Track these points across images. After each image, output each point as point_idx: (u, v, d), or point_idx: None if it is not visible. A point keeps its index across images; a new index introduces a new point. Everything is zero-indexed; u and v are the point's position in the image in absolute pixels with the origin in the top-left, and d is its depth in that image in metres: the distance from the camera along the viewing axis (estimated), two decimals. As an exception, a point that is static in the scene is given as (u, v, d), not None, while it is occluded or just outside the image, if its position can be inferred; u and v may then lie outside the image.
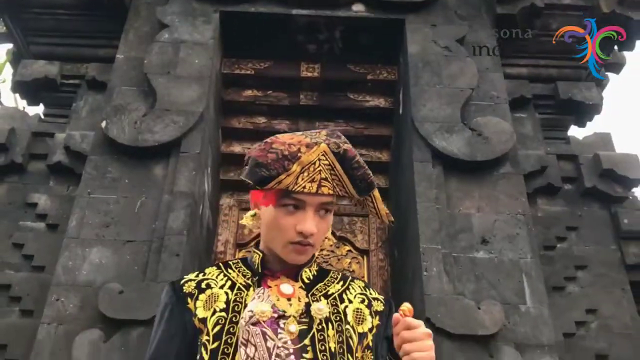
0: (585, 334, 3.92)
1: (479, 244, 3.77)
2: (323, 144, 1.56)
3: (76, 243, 3.66)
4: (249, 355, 1.48)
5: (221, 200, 4.96)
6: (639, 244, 4.22)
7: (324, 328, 1.57)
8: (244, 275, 1.65)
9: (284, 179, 1.51)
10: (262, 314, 1.54)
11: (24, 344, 3.62)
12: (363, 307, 1.67)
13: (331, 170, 1.55)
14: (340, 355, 1.54)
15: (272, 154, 1.53)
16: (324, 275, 1.71)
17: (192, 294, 1.60)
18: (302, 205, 1.54)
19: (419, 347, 1.44)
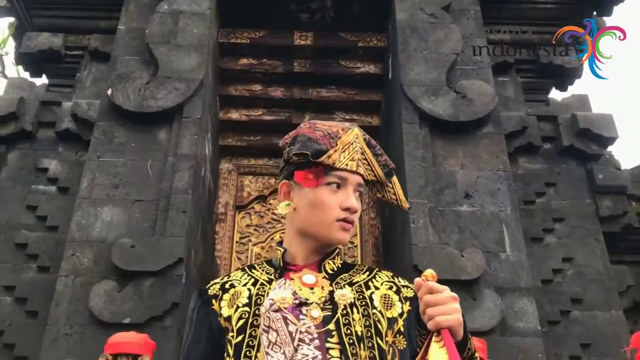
0: (562, 281, 4.24)
1: (463, 199, 4.07)
2: (356, 128, 1.63)
3: (88, 203, 3.92)
4: (271, 341, 1.45)
5: (220, 165, 5.22)
6: (612, 197, 4.53)
7: (349, 313, 1.51)
8: (267, 273, 1.63)
9: (332, 154, 1.55)
10: (283, 301, 1.50)
11: (42, 296, 3.91)
12: (391, 293, 1.59)
13: (362, 154, 1.61)
14: (368, 338, 1.47)
15: (319, 131, 1.58)
16: (348, 267, 1.67)
17: (217, 295, 1.59)
18: (344, 184, 1.56)
19: (443, 311, 1.36)
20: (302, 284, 1.54)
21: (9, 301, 3.96)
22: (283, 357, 1.41)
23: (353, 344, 1.43)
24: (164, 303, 3.58)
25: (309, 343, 1.43)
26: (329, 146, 1.53)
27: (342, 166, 1.53)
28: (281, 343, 1.43)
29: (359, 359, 1.42)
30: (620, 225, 4.53)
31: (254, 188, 5.26)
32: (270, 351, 1.41)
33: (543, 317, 3.98)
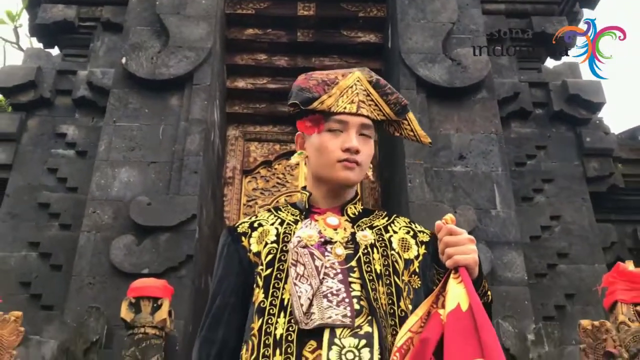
0: (549, 237, 4.52)
1: (457, 160, 4.33)
2: (357, 72, 1.69)
3: (106, 164, 4.20)
4: (299, 274, 1.54)
5: (228, 131, 5.48)
6: (598, 159, 4.78)
7: (370, 252, 1.61)
8: (293, 214, 1.71)
9: (326, 99, 1.61)
10: (310, 238, 1.59)
11: (65, 251, 4.21)
12: (408, 237, 1.69)
13: (367, 96, 1.65)
14: (386, 276, 1.58)
15: (313, 80, 1.64)
16: (368, 212, 1.76)
17: (246, 233, 1.68)
18: (345, 127, 1.63)
19: (462, 251, 1.45)
20: (326, 225, 1.63)
21: (35, 256, 4.25)
22: (309, 287, 1.51)
23: (373, 280, 1.54)
24: (179, 255, 3.87)
25: (333, 277, 1.53)
26: (322, 92, 1.61)
27: (340, 110, 1.61)
28: (308, 275, 1.53)
29: (378, 293, 1.53)
30: (606, 185, 4.79)
31: (260, 154, 5.52)
32: (298, 282, 1.52)
33: (531, 269, 4.27)
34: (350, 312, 1.48)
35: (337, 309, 1.48)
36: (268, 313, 1.54)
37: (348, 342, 1.45)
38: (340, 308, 1.48)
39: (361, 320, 1.48)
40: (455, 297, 1.39)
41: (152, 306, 3.21)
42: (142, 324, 3.16)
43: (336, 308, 1.48)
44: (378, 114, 1.64)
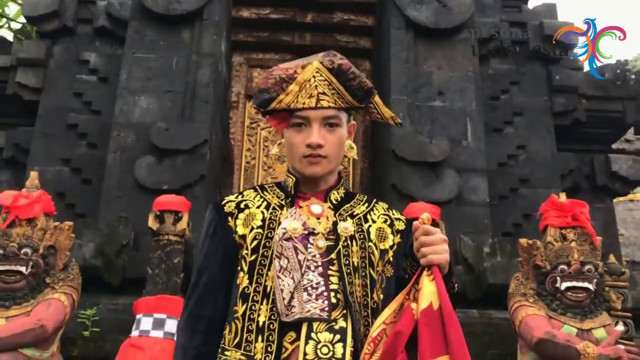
0: (515, 164, 5.17)
1: (436, 95, 4.90)
2: (316, 62, 1.66)
3: (127, 92, 4.77)
4: (282, 267, 1.61)
5: (233, 58, 5.97)
6: (565, 95, 5.34)
7: (349, 245, 1.67)
8: (278, 197, 1.75)
9: (284, 98, 1.63)
10: (294, 231, 1.64)
11: (93, 167, 4.85)
12: (385, 226, 1.76)
13: (328, 85, 1.65)
14: (362, 268, 1.66)
15: (272, 79, 1.65)
16: (350, 197, 1.79)
17: (232, 214, 1.72)
18: (307, 122, 1.64)
19: (435, 250, 1.54)
20: (310, 213, 1.68)
21: (67, 171, 4.90)
22: (292, 281, 1.59)
23: (350, 274, 1.63)
24: (194, 174, 4.53)
25: (314, 270, 1.62)
26: (280, 91, 1.63)
27: (300, 106, 1.63)
28: (291, 269, 1.61)
29: (354, 286, 1.62)
30: (570, 119, 5.38)
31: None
32: (281, 275, 1.60)
33: (495, 192, 4.95)
34: (328, 306, 1.59)
35: (316, 303, 1.59)
36: (252, 300, 1.63)
37: (323, 337, 1.57)
38: (319, 302, 1.59)
39: (337, 314, 1.60)
40: (428, 295, 1.51)
41: (174, 218, 3.90)
42: (166, 232, 3.86)
43: (315, 302, 1.59)
44: (342, 102, 1.66)
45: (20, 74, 5.12)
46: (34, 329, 2.95)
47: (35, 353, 2.98)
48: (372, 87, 1.69)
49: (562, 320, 3.18)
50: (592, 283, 3.23)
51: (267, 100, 1.63)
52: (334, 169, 1.72)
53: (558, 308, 3.22)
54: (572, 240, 3.30)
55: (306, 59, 1.67)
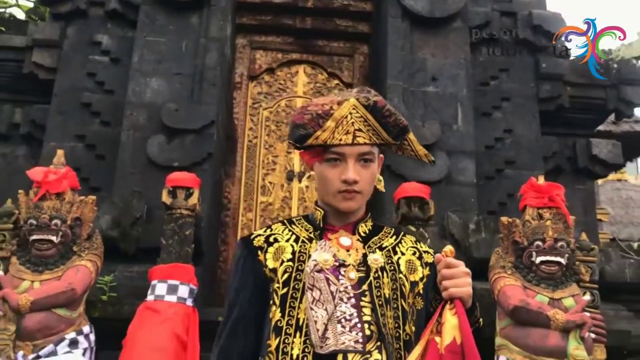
0: (501, 147, 5.52)
1: (430, 81, 5.22)
2: (352, 98, 1.66)
3: (139, 74, 5.06)
4: (315, 298, 1.61)
5: (237, 40, 6.25)
6: (550, 82, 5.67)
7: (380, 276, 1.68)
8: (307, 230, 1.78)
9: (320, 134, 1.64)
10: (325, 262, 1.65)
11: (106, 144, 5.16)
12: (414, 258, 1.77)
13: (364, 122, 1.65)
14: (394, 300, 1.67)
15: (308, 114, 1.66)
16: (378, 230, 1.82)
17: (262, 247, 1.74)
18: (343, 157, 1.65)
19: (456, 284, 1.55)
20: (339, 245, 1.71)
21: (81, 147, 5.20)
22: (325, 312, 1.59)
23: (382, 305, 1.64)
24: (202, 153, 4.86)
25: (347, 301, 1.63)
26: (316, 128, 1.64)
27: (336, 142, 1.64)
28: (324, 301, 1.61)
29: (386, 318, 1.63)
30: (554, 105, 5.72)
31: (264, 61, 6.32)
32: (314, 307, 1.60)
33: (482, 173, 5.30)
34: (362, 338, 1.60)
35: (350, 335, 1.60)
36: (285, 333, 1.64)
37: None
38: (353, 334, 1.60)
39: (371, 346, 1.60)
40: (450, 330, 1.53)
41: (186, 193, 4.23)
42: (178, 207, 4.19)
43: (349, 334, 1.60)
44: (377, 139, 1.67)
45: (36, 54, 5.39)
46: (65, 292, 3.31)
47: (66, 313, 3.34)
48: (407, 124, 1.72)
49: (536, 290, 3.56)
50: (564, 257, 3.61)
51: (304, 136, 1.65)
52: (364, 203, 1.76)
53: (533, 279, 3.60)
54: (548, 219, 3.67)
55: (341, 95, 1.70)
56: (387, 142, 1.69)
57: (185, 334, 3.74)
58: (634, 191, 16.76)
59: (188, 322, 3.83)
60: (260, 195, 5.75)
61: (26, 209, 3.48)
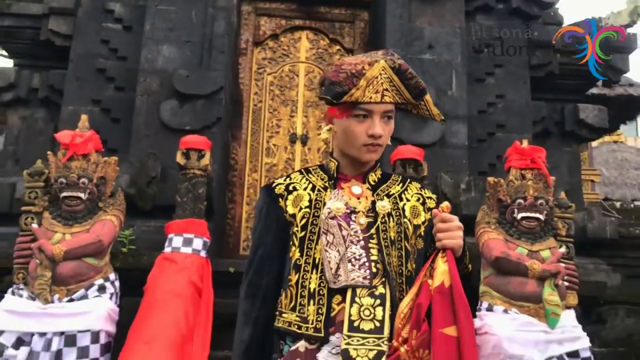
0: (493, 111, 5.83)
1: (427, 49, 5.51)
2: (382, 60, 1.82)
3: (152, 42, 5.35)
4: (329, 241, 1.84)
5: (242, 7, 6.49)
6: (541, 50, 5.95)
7: (387, 221, 1.89)
8: (322, 179, 1.98)
9: (354, 92, 1.79)
10: (338, 210, 1.86)
11: (121, 109, 5.48)
12: (418, 204, 1.97)
13: (390, 82, 1.81)
14: (398, 241, 1.88)
15: (343, 73, 1.81)
16: (386, 178, 2.01)
17: (283, 195, 1.96)
18: (370, 114, 1.82)
19: (449, 236, 1.77)
20: (351, 194, 1.91)
21: (98, 111, 5.52)
22: (337, 253, 1.82)
23: (387, 246, 1.85)
24: (211, 117, 5.19)
25: (356, 244, 1.84)
26: (351, 86, 1.80)
27: (366, 99, 1.80)
28: (336, 243, 1.83)
29: (391, 257, 1.85)
30: (545, 71, 6.01)
31: (268, 27, 6.58)
32: (328, 249, 1.83)
33: (474, 136, 5.63)
34: (369, 275, 1.82)
35: (359, 272, 1.82)
36: (303, 270, 1.87)
37: (366, 301, 1.79)
38: (361, 271, 1.82)
39: (377, 281, 1.82)
40: (441, 274, 1.76)
41: (198, 155, 4.58)
42: (192, 167, 4.55)
43: (358, 271, 1.81)
44: (399, 98, 1.85)
45: (52, 21, 5.66)
46: (94, 243, 3.70)
47: (94, 261, 3.73)
48: (425, 87, 1.90)
49: (516, 243, 3.94)
50: (543, 214, 3.98)
51: (340, 93, 1.81)
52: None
53: (514, 234, 3.98)
54: (529, 179, 4.02)
55: (370, 56, 1.86)
56: (408, 101, 1.87)
57: (200, 281, 4.13)
58: (629, 153, 17.08)
59: (202, 271, 4.23)
60: (265, 157, 6.08)
61: (56, 169, 3.83)
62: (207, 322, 3.98)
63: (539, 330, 3.63)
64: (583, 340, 3.72)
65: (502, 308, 3.73)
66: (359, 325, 1.77)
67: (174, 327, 3.64)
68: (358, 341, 1.76)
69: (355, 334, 1.76)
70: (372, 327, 1.77)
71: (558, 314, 3.66)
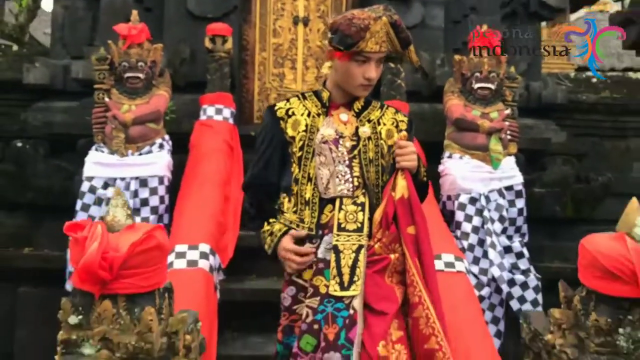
0: (468, -5, 6.77)
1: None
2: (384, 17, 2.17)
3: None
4: (321, 161, 2.28)
5: None
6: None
7: (367, 144, 2.32)
8: (316, 106, 2.36)
9: (362, 44, 2.15)
10: (329, 136, 2.28)
11: None
12: (392, 127, 2.38)
13: (387, 35, 2.18)
14: (375, 160, 2.32)
15: (354, 27, 2.14)
16: (368, 104, 2.40)
17: (283, 118, 2.35)
18: (368, 60, 2.20)
19: (405, 159, 2.24)
20: (339, 121, 2.32)
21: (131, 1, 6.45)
22: (327, 171, 2.27)
23: (367, 164, 2.31)
24: (230, 5, 6.12)
25: (342, 163, 2.29)
26: (359, 39, 2.14)
27: (368, 49, 2.17)
28: (327, 163, 2.27)
29: (370, 173, 2.31)
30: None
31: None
32: (320, 167, 2.28)
33: (450, 18, 6.47)
34: (352, 187, 2.27)
35: (344, 185, 2.26)
36: (300, 182, 2.31)
37: (350, 208, 2.26)
38: (346, 185, 2.26)
39: (358, 192, 2.28)
40: (401, 189, 2.24)
41: (222, 40, 5.65)
42: (218, 50, 5.64)
43: (343, 185, 2.26)
44: (391, 48, 2.23)
45: None
46: (153, 112, 4.90)
47: (154, 126, 4.95)
48: (411, 39, 2.29)
49: (472, 107, 5.15)
50: (494, 84, 5.14)
51: (351, 44, 2.17)
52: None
53: (471, 100, 5.18)
54: (485, 57, 5.15)
55: (374, 12, 2.21)
56: (397, 50, 2.25)
57: (232, 141, 5.39)
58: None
59: (232, 134, 5.47)
60: (272, 38, 7.06)
61: (118, 55, 4.93)
62: (239, 172, 5.27)
63: (485, 171, 4.95)
64: (517, 178, 5.04)
65: (458, 155, 5.03)
66: (345, 226, 2.26)
67: (217, 173, 4.92)
68: (344, 238, 2.25)
69: (342, 233, 2.25)
70: (355, 227, 2.26)
71: (500, 159, 4.96)
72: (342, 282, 2.18)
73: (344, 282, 2.18)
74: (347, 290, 2.18)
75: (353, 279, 2.18)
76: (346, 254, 2.21)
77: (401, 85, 5.66)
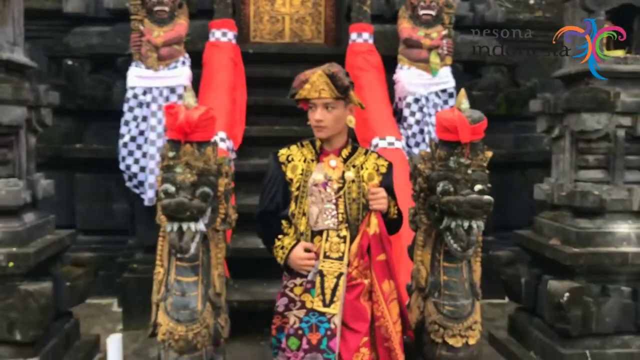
0: None
1: None
2: (319, 70, 2.61)
3: None
4: (312, 201, 2.71)
5: None
6: None
7: (351, 186, 2.74)
8: (311, 152, 2.80)
9: (302, 92, 2.64)
10: (319, 180, 2.71)
11: None
12: (373, 171, 2.80)
13: (327, 84, 2.60)
14: (357, 198, 2.73)
15: (298, 80, 2.65)
16: (354, 151, 2.82)
17: (284, 163, 2.80)
18: (315, 106, 2.65)
19: (377, 203, 2.68)
20: (329, 166, 2.75)
21: None
22: (317, 209, 2.72)
23: (350, 203, 2.75)
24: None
25: (329, 202, 2.73)
26: (299, 88, 2.64)
27: (310, 97, 2.64)
28: (317, 202, 2.72)
29: (351, 210, 2.74)
30: None
31: None
32: (311, 205, 2.73)
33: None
34: (337, 222, 2.71)
35: (330, 220, 2.70)
36: (296, 217, 2.77)
37: (334, 240, 2.70)
38: (332, 219, 2.70)
39: (342, 226, 2.71)
40: (374, 226, 2.70)
41: (225, -24, 7.12)
42: (222, -15, 7.12)
43: (330, 220, 2.69)
44: (332, 94, 2.62)
45: None
46: (178, 35, 6.43)
47: (178, 47, 6.45)
48: (349, 85, 2.65)
49: (418, 29, 6.69)
50: (434, 10, 6.65)
51: (294, 93, 2.68)
52: (336, 134, 2.75)
53: (418, 23, 6.71)
54: (428, -10, 6.68)
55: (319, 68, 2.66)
56: (338, 96, 2.63)
57: (236, 57, 6.99)
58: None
59: (235, 52, 7.05)
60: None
61: (147, -7, 6.44)
62: (242, 81, 6.92)
63: (426, 78, 6.60)
64: (450, 83, 6.67)
65: (407, 67, 6.67)
66: (330, 254, 2.66)
67: (226, 82, 6.55)
68: (328, 265, 2.64)
69: (327, 260, 2.66)
70: (337, 256, 2.66)
71: (437, 69, 6.62)
72: (324, 300, 2.66)
73: (325, 300, 2.65)
74: (328, 307, 2.65)
75: (333, 299, 2.65)
76: (329, 278, 2.67)
77: (367, 11, 7.20)
